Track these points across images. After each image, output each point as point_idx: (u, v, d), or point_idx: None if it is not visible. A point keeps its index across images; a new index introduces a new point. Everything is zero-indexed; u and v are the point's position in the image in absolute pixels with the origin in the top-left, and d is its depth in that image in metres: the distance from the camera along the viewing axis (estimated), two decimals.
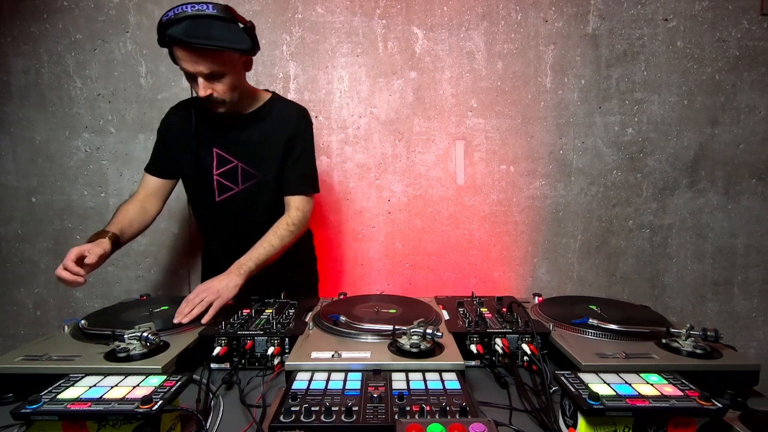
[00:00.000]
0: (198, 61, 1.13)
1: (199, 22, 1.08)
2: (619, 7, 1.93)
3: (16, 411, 0.64)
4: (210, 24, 1.09)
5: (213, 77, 1.17)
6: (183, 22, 1.08)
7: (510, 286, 2.08)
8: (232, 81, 1.20)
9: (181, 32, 1.08)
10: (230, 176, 1.35)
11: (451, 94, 1.98)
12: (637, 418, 0.66)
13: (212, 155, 1.34)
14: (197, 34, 1.08)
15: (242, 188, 1.36)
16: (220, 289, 1.13)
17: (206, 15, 1.08)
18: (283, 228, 1.31)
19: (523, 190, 2.03)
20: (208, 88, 1.17)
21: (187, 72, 1.16)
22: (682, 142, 2.00)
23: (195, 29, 1.08)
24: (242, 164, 1.34)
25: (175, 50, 1.14)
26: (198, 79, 1.16)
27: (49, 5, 1.90)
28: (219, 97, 1.20)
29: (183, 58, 1.14)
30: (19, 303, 2.08)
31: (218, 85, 1.18)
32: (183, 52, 1.13)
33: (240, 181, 1.36)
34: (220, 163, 1.34)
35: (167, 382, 0.73)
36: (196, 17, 1.08)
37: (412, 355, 0.85)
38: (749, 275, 2.06)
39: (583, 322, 1.01)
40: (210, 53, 1.12)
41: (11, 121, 1.96)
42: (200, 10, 1.08)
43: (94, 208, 2.02)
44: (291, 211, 1.35)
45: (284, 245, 1.31)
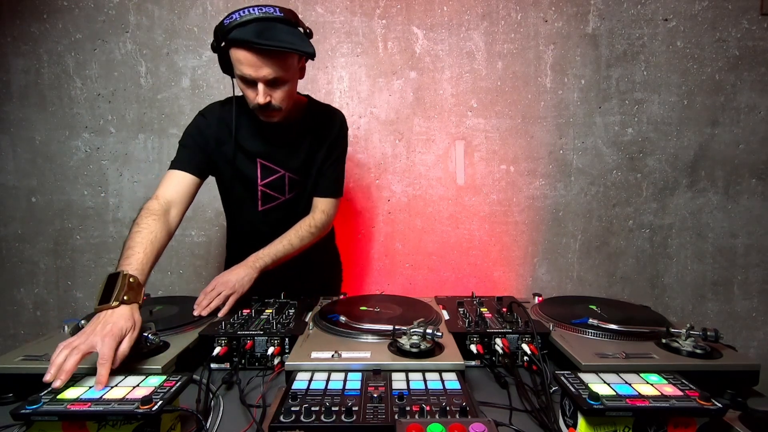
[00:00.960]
0: (263, 66, 1.07)
1: (267, 25, 1.05)
2: (619, 7, 1.93)
3: (16, 411, 0.64)
4: (277, 27, 1.06)
5: (274, 84, 1.12)
6: (250, 25, 1.04)
7: (510, 286, 2.08)
8: (290, 89, 1.17)
9: (251, 34, 1.03)
10: (276, 186, 1.32)
11: (451, 94, 1.98)
12: (637, 418, 0.66)
13: (256, 165, 1.29)
14: (267, 37, 1.04)
15: (288, 197, 1.34)
16: (236, 283, 1.15)
17: (274, 18, 1.05)
18: (305, 229, 1.31)
19: (523, 190, 2.03)
20: (267, 95, 1.12)
21: (248, 77, 1.10)
22: (682, 142, 2.00)
23: (264, 32, 1.04)
24: (289, 174, 1.31)
25: (238, 54, 1.07)
26: (258, 86, 1.10)
27: (49, 5, 1.90)
28: (276, 105, 1.15)
29: (247, 63, 1.07)
30: (19, 303, 2.08)
31: (277, 92, 1.14)
32: (248, 56, 1.06)
33: (287, 190, 1.33)
34: (265, 173, 1.30)
35: (167, 382, 0.73)
36: (264, 20, 1.05)
37: (412, 355, 0.85)
38: (749, 275, 2.06)
39: (583, 322, 1.01)
40: (276, 57, 1.07)
41: (11, 121, 1.96)
42: (267, 13, 1.05)
43: (94, 208, 2.02)
44: (316, 213, 1.35)
45: (303, 246, 1.30)
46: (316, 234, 1.33)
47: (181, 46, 1.93)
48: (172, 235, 1.19)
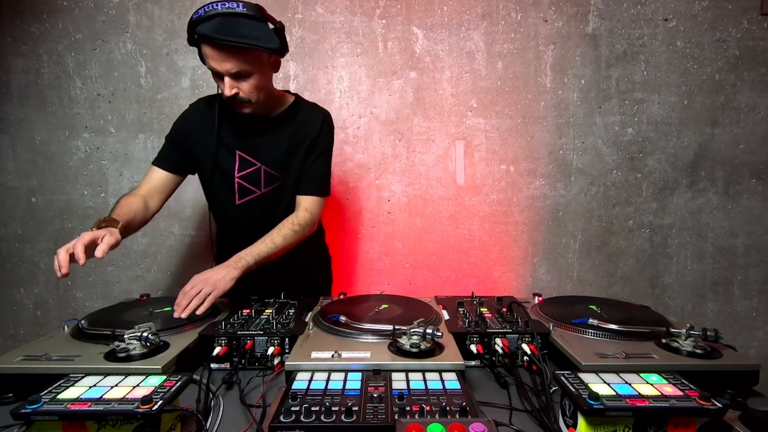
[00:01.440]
0: (226, 60, 1.12)
1: (228, 20, 1.08)
2: (619, 7, 1.93)
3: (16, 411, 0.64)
4: (240, 22, 1.09)
5: (240, 76, 1.16)
6: (213, 20, 1.08)
7: (510, 286, 2.08)
8: (258, 81, 1.19)
9: (211, 29, 1.08)
10: (252, 179, 1.34)
11: (451, 94, 1.98)
12: (637, 418, 0.66)
13: (234, 158, 1.32)
14: (226, 32, 1.08)
15: (265, 191, 1.35)
16: (217, 281, 1.12)
17: (236, 13, 1.08)
18: (288, 227, 1.29)
19: (523, 190, 2.03)
20: (234, 87, 1.16)
21: (214, 70, 1.16)
22: (682, 142, 2.00)
23: (224, 27, 1.08)
24: (266, 167, 1.33)
25: (204, 48, 1.13)
26: (224, 78, 1.15)
27: (49, 5, 1.90)
28: (245, 97, 1.19)
29: (211, 56, 1.13)
30: (19, 303, 2.08)
31: (244, 84, 1.17)
32: (211, 50, 1.12)
33: (263, 184, 1.34)
34: (242, 165, 1.33)
35: (167, 382, 0.73)
36: (226, 15, 1.08)
37: (412, 355, 0.85)
38: (749, 275, 2.06)
39: (583, 322, 1.01)
40: (238, 51, 1.12)
41: (11, 121, 1.96)
42: (230, 8, 1.08)
43: (94, 208, 2.02)
44: (299, 211, 1.34)
45: (287, 245, 1.28)
46: (300, 233, 1.31)
47: (181, 46, 1.93)
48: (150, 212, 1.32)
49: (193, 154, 1.35)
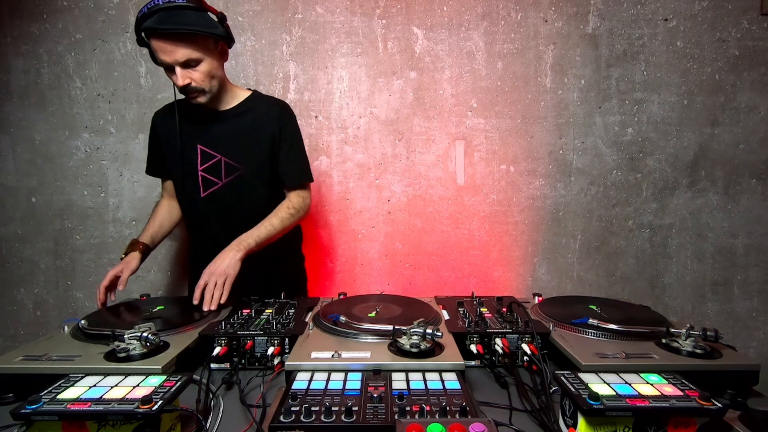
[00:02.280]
0: (174, 50, 1.17)
1: (171, 13, 1.14)
2: (619, 7, 1.93)
3: (16, 411, 0.64)
4: (182, 13, 1.15)
5: (189, 65, 1.21)
6: (157, 14, 1.13)
7: (510, 286, 2.08)
8: (208, 68, 1.24)
9: (156, 22, 1.13)
10: (214, 171, 1.39)
11: (451, 94, 1.98)
12: (637, 418, 0.66)
13: (196, 152, 1.38)
14: (171, 22, 1.14)
15: (225, 182, 1.39)
16: (227, 268, 1.20)
17: (178, 5, 1.14)
18: (284, 210, 1.38)
19: (523, 190, 2.03)
20: (186, 77, 1.22)
21: (165, 64, 1.20)
22: (682, 142, 2.00)
23: (167, 19, 1.14)
24: (225, 158, 1.38)
25: (152, 43, 1.18)
26: (176, 69, 1.20)
27: (49, 5, 1.90)
28: (197, 86, 1.24)
29: (159, 49, 1.18)
30: (19, 303, 2.08)
31: (195, 73, 1.22)
32: (159, 43, 1.17)
33: (223, 175, 1.39)
34: (204, 158, 1.38)
35: (167, 382, 0.73)
36: (168, 9, 1.14)
37: (412, 355, 0.85)
38: (749, 275, 2.06)
39: (583, 322, 1.01)
40: (184, 39, 1.17)
41: (11, 121, 1.96)
42: (171, 2, 1.14)
43: (93, 208, 2.02)
44: (291, 197, 1.42)
45: (285, 227, 1.37)
46: (296, 215, 1.40)
47: None
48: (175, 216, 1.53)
49: (163, 154, 1.44)
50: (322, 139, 1.99)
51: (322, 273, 2.06)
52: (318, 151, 2.00)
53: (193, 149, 1.38)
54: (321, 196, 2.02)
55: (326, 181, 2.01)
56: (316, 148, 1.99)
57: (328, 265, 2.06)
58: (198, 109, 1.34)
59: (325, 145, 2.00)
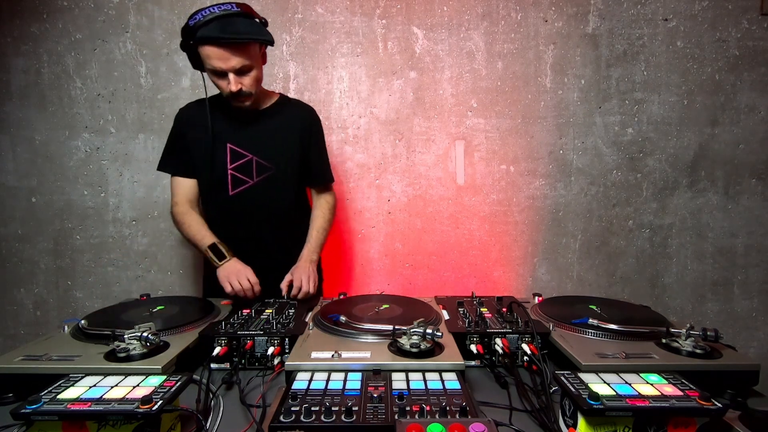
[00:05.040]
0: (230, 57, 1.21)
1: (227, 20, 1.18)
2: (619, 7, 1.93)
3: (16, 411, 0.64)
4: (237, 21, 1.19)
5: (242, 72, 1.26)
6: (213, 23, 1.16)
7: (510, 286, 2.08)
8: (257, 74, 1.30)
9: (215, 30, 1.17)
10: (245, 170, 1.40)
11: (451, 94, 1.98)
12: (637, 418, 0.66)
13: (226, 150, 1.39)
14: (229, 31, 1.18)
15: (257, 181, 1.41)
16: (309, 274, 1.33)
17: (232, 13, 1.18)
18: (328, 211, 1.53)
19: (523, 190, 2.03)
20: (238, 83, 1.26)
21: (218, 70, 1.23)
22: (682, 142, 2.00)
23: (226, 27, 1.17)
24: (257, 158, 1.40)
25: (207, 50, 1.20)
26: (229, 75, 1.24)
27: (49, 5, 1.90)
28: (247, 91, 1.29)
29: (215, 56, 1.21)
30: (19, 303, 2.08)
31: (246, 79, 1.27)
32: (215, 50, 1.20)
33: (255, 174, 1.41)
34: (234, 157, 1.40)
35: (167, 382, 0.73)
36: (224, 16, 1.17)
37: (412, 355, 0.85)
38: (749, 275, 2.06)
39: (583, 322, 1.01)
40: (240, 48, 1.21)
41: (11, 121, 1.96)
42: (227, 9, 1.17)
43: (93, 208, 2.02)
44: (327, 196, 1.56)
45: (330, 223, 1.52)
46: (334, 212, 1.57)
47: None
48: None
49: (190, 150, 1.42)
50: None
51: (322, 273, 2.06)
52: None
53: (222, 148, 1.39)
54: None
55: None
56: None
57: (328, 265, 2.06)
58: (229, 109, 1.36)
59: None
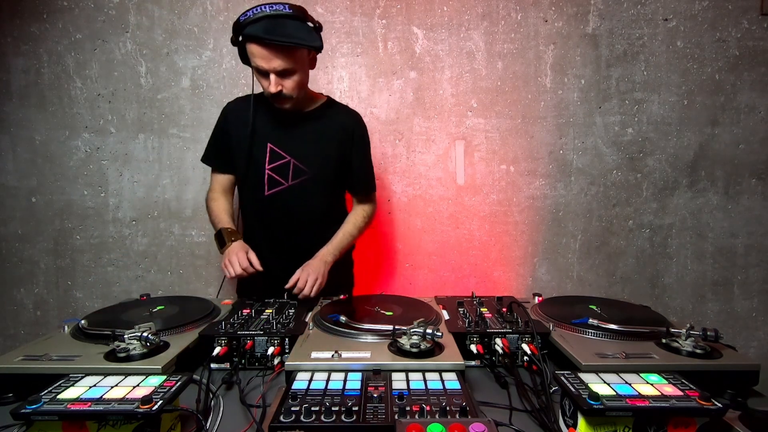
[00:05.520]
0: (273, 58, 1.20)
1: (276, 21, 1.16)
2: (619, 7, 1.93)
3: (16, 411, 0.64)
4: (286, 23, 1.18)
5: (284, 74, 1.24)
6: (261, 21, 1.16)
7: (510, 286, 2.08)
8: (300, 78, 1.28)
9: (261, 30, 1.16)
10: (281, 171, 1.39)
11: (451, 94, 1.98)
12: (637, 418, 0.66)
13: (266, 150, 1.38)
14: (275, 32, 1.16)
15: (292, 184, 1.40)
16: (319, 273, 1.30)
17: (283, 15, 1.17)
18: (360, 219, 1.47)
19: (523, 190, 2.03)
20: (278, 84, 1.24)
21: (260, 69, 1.23)
22: (682, 142, 2.00)
23: (273, 27, 1.16)
24: (294, 160, 1.39)
25: (252, 48, 1.20)
26: (270, 76, 1.23)
27: (49, 5, 1.90)
28: (287, 94, 1.27)
29: (259, 55, 1.20)
30: (19, 303, 2.08)
31: (287, 81, 1.26)
32: (260, 50, 1.19)
33: (290, 176, 1.40)
34: (272, 158, 1.39)
35: (167, 382, 0.73)
36: (274, 17, 1.16)
37: (412, 355, 0.85)
38: (749, 275, 2.06)
39: (583, 322, 1.01)
40: (285, 50, 1.19)
41: (11, 121, 1.96)
42: (277, 10, 1.16)
43: (93, 208, 2.02)
44: (365, 205, 1.51)
45: (359, 235, 1.47)
46: (369, 223, 1.51)
47: (181, 46, 1.93)
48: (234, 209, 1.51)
49: (230, 146, 1.43)
50: None
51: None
52: None
53: (262, 147, 1.38)
54: None
55: None
56: None
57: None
58: (274, 109, 1.35)
59: None
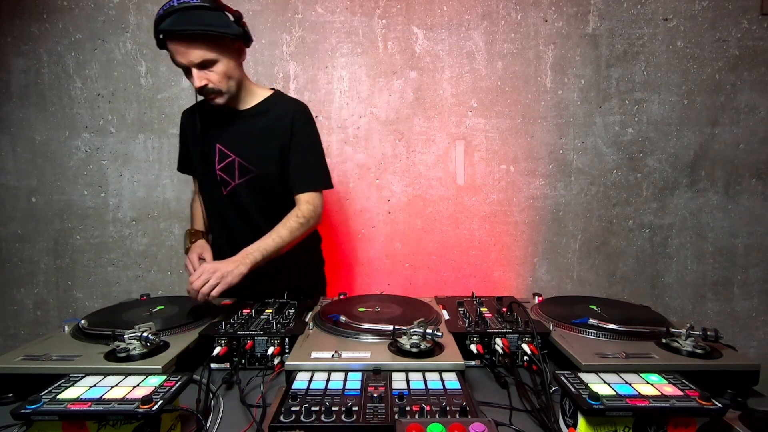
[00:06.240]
0: (188, 51, 1.16)
1: (186, 13, 1.12)
2: (619, 7, 1.93)
3: (16, 411, 0.64)
4: (197, 13, 1.13)
5: (205, 66, 1.19)
6: (172, 16, 1.12)
7: (510, 286, 2.08)
8: (225, 68, 1.22)
9: (170, 24, 1.12)
10: (229, 171, 1.37)
11: (451, 94, 1.98)
12: (637, 418, 0.66)
13: (215, 151, 1.37)
14: (185, 23, 1.12)
15: (239, 182, 1.37)
16: (226, 274, 1.14)
17: (192, 6, 1.12)
18: (293, 220, 1.31)
19: (523, 190, 2.03)
20: (202, 78, 1.20)
21: (181, 65, 1.19)
22: (682, 142, 2.00)
23: (182, 20, 1.12)
24: (239, 159, 1.36)
25: (169, 45, 1.17)
26: (192, 71, 1.19)
27: (49, 5, 1.90)
28: (214, 87, 1.23)
29: (175, 51, 1.16)
30: (19, 303, 2.08)
31: (212, 74, 1.21)
32: (174, 45, 1.16)
33: (237, 175, 1.37)
34: (221, 158, 1.37)
35: (167, 382, 0.73)
36: (183, 9, 1.12)
37: (412, 355, 0.85)
38: (749, 275, 2.06)
39: (583, 322, 1.01)
40: (199, 40, 1.15)
41: (11, 121, 1.96)
42: (185, 2, 1.12)
43: (94, 208, 2.02)
44: (301, 204, 1.35)
45: (294, 238, 1.30)
46: (306, 225, 1.33)
47: None
48: None
49: (189, 150, 1.45)
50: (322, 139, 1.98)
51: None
52: None
53: (212, 148, 1.37)
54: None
55: None
56: None
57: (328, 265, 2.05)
58: (218, 109, 1.32)
59: (325, 145, 1.96)
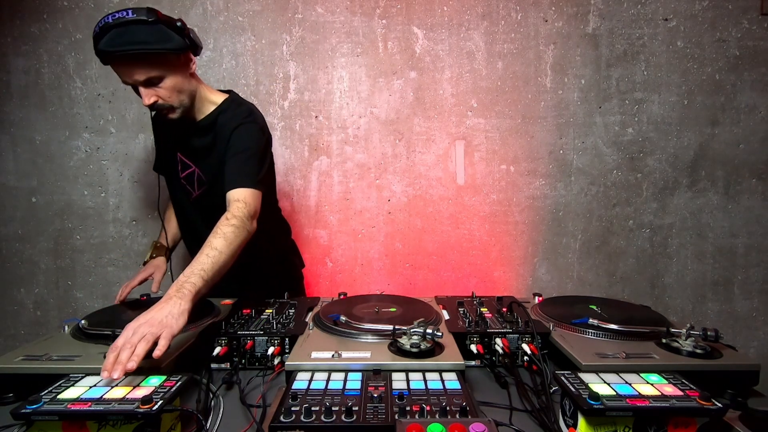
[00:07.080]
0: (131, 70, 1.10)
1: (121, 31, 1.05)
2: (619, 7, 1.93)
3: (16, 411, 0.64)
4: (132, 30, 1.06)
5: (151, 83, 1.13)
6: (107, 34, 1.06)
7: (510, 286, 2.08)
8: (173, 83, 1.16)
9: (107, 44, 1.06)
10: (190, 181, 1.35)
11: (451, 94, 1.98)
12: (637, 418, 0.66)
13: (176, 159, 1.36)
14: (121, 42, 1.06)
15: (198, 194, 1.36)
16: (163, 320, 0.85)
17: (128, 21, 1.05)
18: (224, 224, 1.07)
19: (523, 190, 2.03)
20: (151, 95, 1.14)
21: (126, 83, 1.15)
22: (682, 142, 2.00)
23: (120, 38, 1.06)
24: (198, 170, 1.33)
25: (112, 65, 1.11)
26: (139, 89, 1.13)
27: (49, 5, 1.90)
28: (165, 103, 1.17)
29: (118, 71, 1.12)
30: (19, 303, 2.08)
31: (160, 90, 1.15)
32: (115, 66, 1.11)
33: (196, 186, 1.35)
34: (183, 167, 1.36)
35: (167, 382, 0.74)
36: (118, 26, 1.05)
37: (412, 355, 0.85)
38: (749, 275, 2.06)
39: (583, 322, 1.01)
40: (139, 59, 1.09)
41: (11, 121, 1.96)
42: (121, 17, 1.04)
43: (94, 208, 2.02)
44: (230, 204, 1.14)
45: (235, 245, 1.05)
46: (242, 226, 1.08)
47: None
48: None
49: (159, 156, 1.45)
50: (322, 139, 1.99)
51: (322, 273, 2.06)
52: (318, 151, 2.00)
53: (173, 157, 1.35)
54: (321, 195, 2.02)
55: (326, 181, 2.01)
56: (316, 148, 1.99)
57: (328, 265, 2.06)
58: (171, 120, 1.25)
59: (325, 145, 2.00)
